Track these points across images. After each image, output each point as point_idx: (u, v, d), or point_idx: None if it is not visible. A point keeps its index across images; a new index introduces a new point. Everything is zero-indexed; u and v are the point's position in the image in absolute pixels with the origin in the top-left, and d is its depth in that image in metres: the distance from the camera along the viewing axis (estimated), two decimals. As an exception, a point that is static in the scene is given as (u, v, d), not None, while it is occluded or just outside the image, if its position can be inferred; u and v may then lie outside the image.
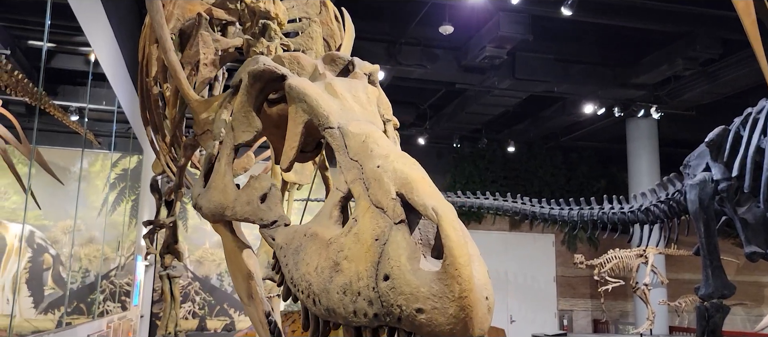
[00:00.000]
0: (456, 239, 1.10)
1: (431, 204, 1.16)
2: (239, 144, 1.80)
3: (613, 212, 9.13)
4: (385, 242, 1.18)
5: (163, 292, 5.17)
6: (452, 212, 1.15)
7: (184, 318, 13.58)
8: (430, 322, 1.10)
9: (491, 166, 15.85)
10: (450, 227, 1.12)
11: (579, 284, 15.92)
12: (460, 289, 1.09)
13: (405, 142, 15.22)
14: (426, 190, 1.21)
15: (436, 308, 1.10)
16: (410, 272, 1.13)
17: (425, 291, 1.11)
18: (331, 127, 1.53)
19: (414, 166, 1.31)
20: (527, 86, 11.84)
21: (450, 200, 11.08)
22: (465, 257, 1.10)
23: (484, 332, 1.13)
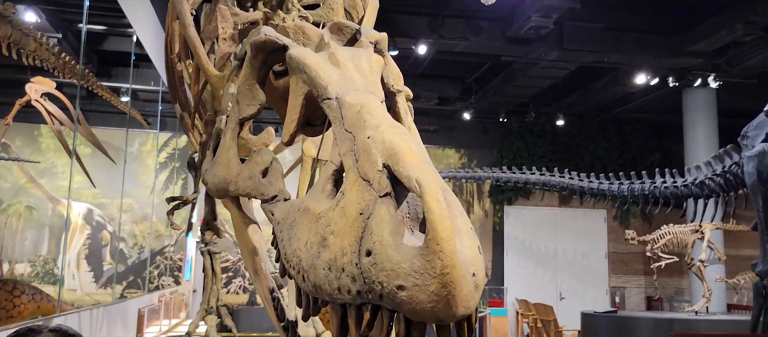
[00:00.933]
0: (438, 212, 1.03)
1: (415, 175, 1.09)
2: (244, 118, 1.76)
3: (665, 186, 8.80)
4: (369, 216, 1.12)
5: (205, 268, 5.26)
6: (437, 183, 1.08)
7: (235, 293, 13.92)
8: (410, 300, 1.04)
9: (539, 141, 15.51)
10: (433, 200, 1.04)
11: (632, 260, 15.50)
12: (442, 265, 1.02)
13: (449, 117, 15.04)
14: (412, 161, 1.14)
15: (417, 285, 1.03)
16: (392, 248, 1.07)
17: (406, 267, 1.04)
18: (329, 97, 1.48)
19: (404, 137, 1.23)
20: (576, 57, 11.45)
21: (495, 175, 10.90)
22: (447, 231, 1.02)
23: (469, 311, 1.06)
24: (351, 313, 1.14)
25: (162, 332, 7.52)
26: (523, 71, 12.37)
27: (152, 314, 8.05)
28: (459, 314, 1.05)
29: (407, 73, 13.28)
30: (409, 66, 12.65)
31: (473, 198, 15.49)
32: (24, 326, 2.78)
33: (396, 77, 1.86)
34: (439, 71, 13.22)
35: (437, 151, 15.50)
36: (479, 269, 1.10)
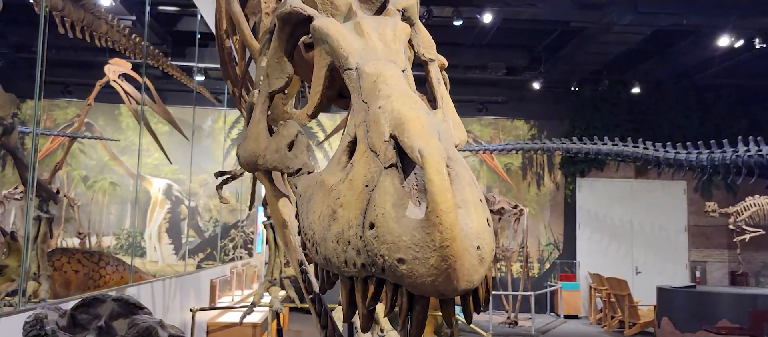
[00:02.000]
0: (439, 183, 0.99)
1: (418, 145, 1.05)
2: (273, 91, 1.76)
3: (749, 155, 8.29)
4: (374, 188, 1.09)
5: (268, 240, 5.40)
6: (439, 153, 1.03)
7: (306, 265, 14.23)
8: (410, 273, 1.01)
9: (614, 110, 14.92)
10: (433, 170, 1.00)
11: (714, 233, 14.76)
12: (441, 238, 0.98)
13: (518, 87, 14.68)
14: (417, 130, 1.10)
15: (417, 258, 1.00)
16: (394, 220, 1.03)
17: (407, 240, 1.01)
18: (350, 68, 1.44)
19: (414, 106, 1.18)
20: (652, 20, 10.87)
21: (564, 146, 10.59)
22: (446, 203, 0.98)
23: (472, 285, 1.02)
24: (358, 286, 1.13)
25: (234, 302, 7.81)
26: (596, 37, 11.88)
27: (224, 285, 8.36)
28: (461, 288, 1.01)
29: (473, 44, 13.06)
30: (476, 36, 12.40)
31: (543, 170, 15.14)
32: (90, 295, 2.93)
33: (427, 45, 1.80)
34: (507, 40, 12.88)
35: (506, 122, 15.21)
36: (485, 242, 1.05)
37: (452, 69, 14.15)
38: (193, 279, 7.21)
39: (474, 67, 14.04)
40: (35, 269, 5.19)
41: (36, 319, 2.62)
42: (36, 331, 2.58)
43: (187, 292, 6.75)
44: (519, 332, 11.46)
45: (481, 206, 1.08)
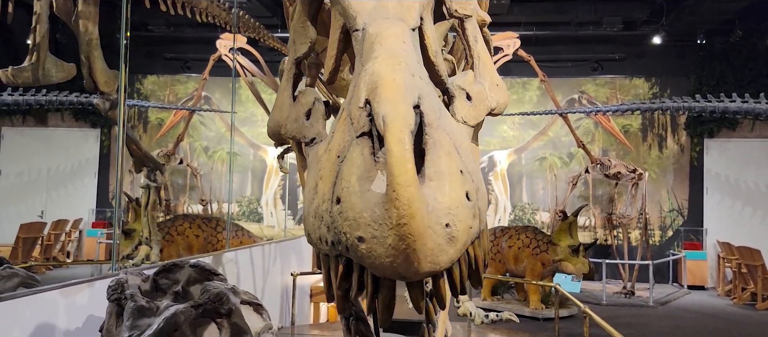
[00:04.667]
0: (397, 154, 0.88)
1: (384, 111, 0.94)
2: (299, 57, 1.70)
3: None
4: (343, 159, 1.00)
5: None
6: (404, 119, 0.92)
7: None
8: (369, 253, 0.92)
9: (749, 64, 13.50)
10: (392, 139, 0.89)
11: None
12: (398, 215, 0.87)
13: (637, 43, 13.70)
14: (387, 94, 0.99)
15: (376, 237, 0.91)
16: (357, 195, 0.94)
17: (367, 217, 0.92)
18: (357, 29, 1.35)
19: (395, 66, 1.07)
20: (792, -40, 9.66)
21: (686, 104, 9.76)
22: (404, 176, 0.87)
23: (437, 267, 0.91)
24: (331, 265, 1.05)
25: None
26: (725, -17, 10.76)
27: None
28: (423, 270, 0.90)
29: (584, -3, 12.32)
30: (587, -10, 11.66)
31: (666, 132, 14.09)
32: (171, 261, 3.08)
33: (461, 2, 1.66)
34: (623, -7, 12.01)
35: (624, 81, 14.27)
36: (458, 219, 0.93)
37: (563, 26, 13.50)
38: (294, 244, 7.46)
39: (587, 23, 13.24)
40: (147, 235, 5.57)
41: (117, 283, 2.79)
42: (117, 294, 2.75)
43: (288, 257, 7.00)
44: (635, 303, 10.87)
45: (460, 178, 0.96)
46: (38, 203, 12.98)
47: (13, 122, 13.37)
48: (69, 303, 2.96)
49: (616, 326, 8.89)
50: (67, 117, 13.70)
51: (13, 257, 10.03)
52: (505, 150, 14.46)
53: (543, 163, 14.37)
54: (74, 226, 12.17)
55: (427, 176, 0.94)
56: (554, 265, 9.30)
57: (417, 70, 1.09)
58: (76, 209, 12.96)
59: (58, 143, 13.62)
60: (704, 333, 8.60)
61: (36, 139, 13.52)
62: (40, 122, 13.65)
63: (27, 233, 10.34)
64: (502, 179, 14.43)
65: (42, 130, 13.63)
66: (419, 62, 1.21)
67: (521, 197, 14.40)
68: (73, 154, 13.79)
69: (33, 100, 8.67)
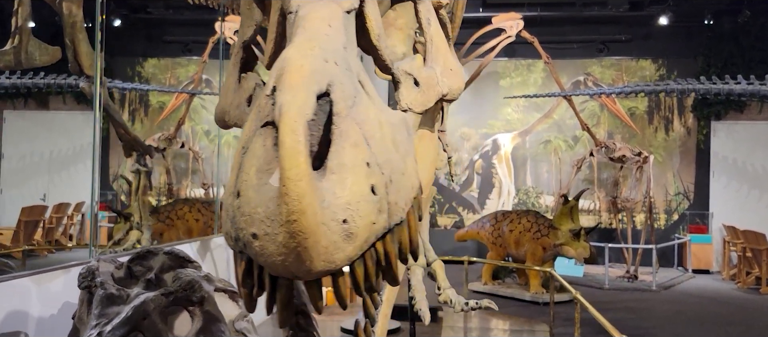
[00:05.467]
0: (289, 146, 0.81)
1: (282, 100, 0.87)
2: (245, 41, 1.63)
3: None
4: (246, 151, 0.94)
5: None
6: (300, 109, 0.85)
7: (416, 215, 14.26)
8: (262, 251, 0.86)
9: (758, 45, 13.25)
10: (285, 131, 0.83)
11: None
12: (287, 211, 0.81)
13: (644, 24, 13.50)
14: (290, 81, 0.91)
15: (268, 234, 0.85)
16: (254, 188, 0.88)
17: (261, 212, 0.86)
18: (291, 11, 1.28)
19: (306, 52, 0.99)
20: (802, -62, 9.43)
21: (690, 86, 9.60)
22: (294, 170, 0.80)
23: (333, 265, 0.85)
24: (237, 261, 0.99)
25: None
26: (733, -38, 10.54)
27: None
28: (317, 269, 0.84)
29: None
30: (592, -30, 11.46)
31: (672, 114, 13.91)
32: (145, 248, 3.03)
33: (420, -19, 1.58)
34: (629, -27, 11.79)
35: (630, 63, 14.07)
36: (358, 214, 0.87)
37: (569, 7, 13.30)
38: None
39: (592, 4, 13.05)
40: (138, 219, 5.55)
41: (88, 270, 2.75)
42: (87, 282, 2.71)
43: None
44: (638, 287, 10.79)
45: (365, 171, 0.90)
46: (41, 186, 13.01)
47: (15, 106, 13.38)
48: (42, 290, 2.93)
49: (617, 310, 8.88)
50: (68, 100, 13.69)
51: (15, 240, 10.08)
52: (509, 133, 14.34)
53: (547, 147, 14.24)
54: (76, 209, 12.20)
55: (329, 168, 0.88)
56: (555, 249, 9.24)
57: (336, 55, 1.02)
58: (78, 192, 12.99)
59: (59, 127, 13.63)
60: (706, 317, 8.53)
61: (38, 122, 13.53)
62: (41, 106, 13.65)
63: (28, 216, 10.37)
64: (506, 163, 14.33)
65: (44, 114, 13.63)
66: (347, 47, 1.13)
67: (525, 181, 14.30)
68: (75, 138, 13.80)
69: (20, 84, 8.65)
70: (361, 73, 1.17)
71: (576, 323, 4.80)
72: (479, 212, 14.00)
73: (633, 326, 7.86)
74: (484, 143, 14.37)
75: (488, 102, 14.27)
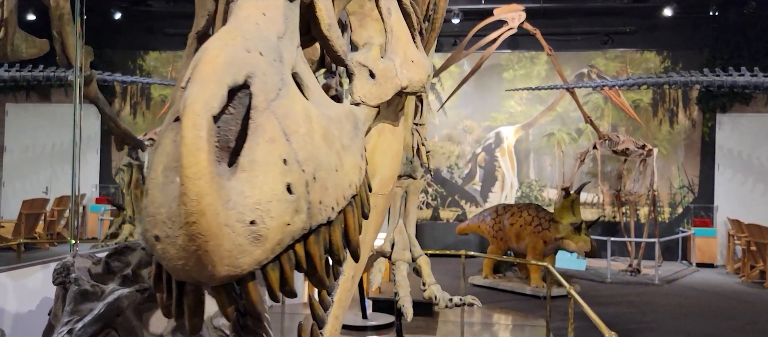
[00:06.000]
0: (189, 142, 0.76)
1: (188, 93, 0.81)
2: (199, 32, 1.57)
3: None
4: (157, 146, 0.89)
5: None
6: (204, 103, 0.79)
7: (419, 208, 14.21)
8: (164, 255, 0.81)
9: (764, 36, 13.08)
10: (187, 125, 0.77)
11: None
12: (186, 212, 0.76)
13: (648, 15, 13.35)
14: (201, 73, 0.86)
15: (169, 236, 0.80)
16: (159, 188, 0.83)
17: (164, 213, 0.80)
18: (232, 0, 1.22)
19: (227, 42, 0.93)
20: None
21: (694, 78, 9.49)
22: (193, 168, 0.75)
23: (238, 270, 0.79)
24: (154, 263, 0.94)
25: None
26: (738, -48, 10.38)
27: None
28: (221, 274, 0.79)
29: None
30: (595, -39, 11.31)
31: (677, 107, 13.77)
32: (124, 243, 3.00)
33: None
34: (633, -37, 11.65)
35: (634, 55, 13.93)
36: (269, 215, 0.81)
37: (572, -2, 13.16)
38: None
39: (596, -4, 12.92)
40: (130, 213, 5.52)
41: (63, 266, 2.71)
42: (62, 278, 2.67)
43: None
44: (640, 281, 10.70)
45: (281, 168, 0.84)
46: (43, 178, 13.04)
47: (17, 99, 13.40)
48: (19, 286, 2.89)
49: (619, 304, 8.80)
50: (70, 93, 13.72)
51: (16, 233, 10.11)
52: (512, 126, 14.23)
53: (551, 139, 14.14)
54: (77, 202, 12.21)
55: (240, 166, 0.82)
56: (556, 243, 9.16)
57: (264, 45, 0.96)
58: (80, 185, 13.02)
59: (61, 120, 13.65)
60: (708, 311, 8.44)
61: (40, 115, 13.55)
62: (43, 98, 13.66)
63: (30, 209, 10.40)
64: (509, 156, 14.24)
65: (46, 107, 13.64)
66: (285, 37, 1.07)
67: (528, 174, 14.21)
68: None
69: (7, 76, 8.67)
70: (299, 64, 1.12)
71: (569, 318, 4.73)
72: (482, 205, 13.92)
73: (633, 320, 7.79)
74: (486, 136, 14.27)
75: (491, 95, 14.17)
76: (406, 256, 3.22)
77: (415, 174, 3.39)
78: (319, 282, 0.97)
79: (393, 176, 1.62)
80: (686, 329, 7.39)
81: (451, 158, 14.28)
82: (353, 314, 5.62)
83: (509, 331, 6.33)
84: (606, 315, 8.27)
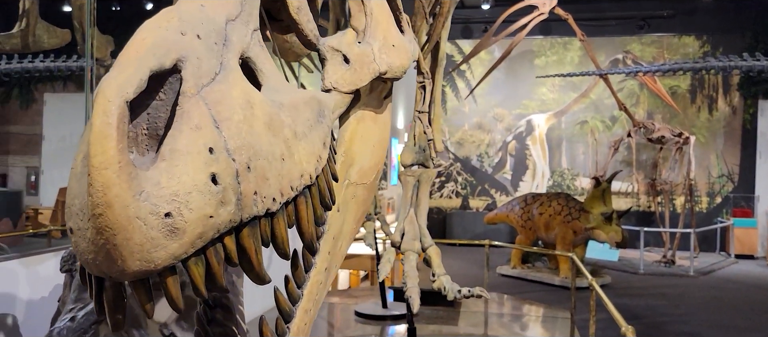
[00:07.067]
0: (97, 129, 0.72)
1: (106, 76, 0.78)
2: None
3: None
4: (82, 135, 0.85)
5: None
6: (120, 87, 0.75)
7: (448, 197, 14.11)
8: (77, 248, 0.78)
9: (811, 18, 12.54)
10: (97, 112, 0.73)
11: None
12: (92, 203, 0.72)
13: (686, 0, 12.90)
14: (125, 55, 0.81)
15: (80, 228, 0.76)
16: (76, 178, 0.80)
17: (77, 204, 0.77)
18: None
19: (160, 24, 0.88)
20: None
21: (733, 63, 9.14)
22: (100, 157, 0.71)
23: (152, 265, 0.76)
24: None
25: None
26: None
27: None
28: (131, 269, 0.75)
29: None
30: (630, -57, 10.98)
31: (717, 93, 13.32)
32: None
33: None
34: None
35: (672, 40, 13.51)
36: (188, 207, 0.77)
37: (605, -18, 12.81)
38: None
39: (632, -21, 12.56)
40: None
41: (70, 254, 2.74)
42: (68, 265, 2.70)
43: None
44: (675, 272, 10.43)
45: (204, 157, 0.79)
46: (79, 167, 13.38)
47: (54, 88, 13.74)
48: (31, 273, 2.94)
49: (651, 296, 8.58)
50: (106, 83, 13.99)
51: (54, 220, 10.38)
52: (544, 113, 13.99)
53: (584, 127, 13.85)
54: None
55: (160, 155, 0.78)
56: (586, 233, 8.99)
57: (203, 28, 0.91)
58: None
59: (96, 109, 13.94)
60: (745, 304, 8.17)
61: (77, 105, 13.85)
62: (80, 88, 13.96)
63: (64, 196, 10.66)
64: (540, 144, 14.01)
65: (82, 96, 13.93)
66: (237, 19, 1.03)
67: (560, 163, 13.96)
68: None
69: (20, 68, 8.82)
70: (253, 48, 1.07)
71: (591, 310, 4.62)
72: (512, 194, 13.75)
73: (665, 312, 7.60)
74: (517, 124, 14.06)
75: (522, 82, 13.94)
76: (416, 246, 3.16)
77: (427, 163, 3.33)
78: (258, 277, 0.92)
79: (375, 166, 1.57)
80: (721, 322, 7.16)
81: (480, 147, 14.12)
82: (373, 304, 5.60)
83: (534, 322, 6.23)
84: (637, 307, 8.10)
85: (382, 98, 1.60)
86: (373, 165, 1.54)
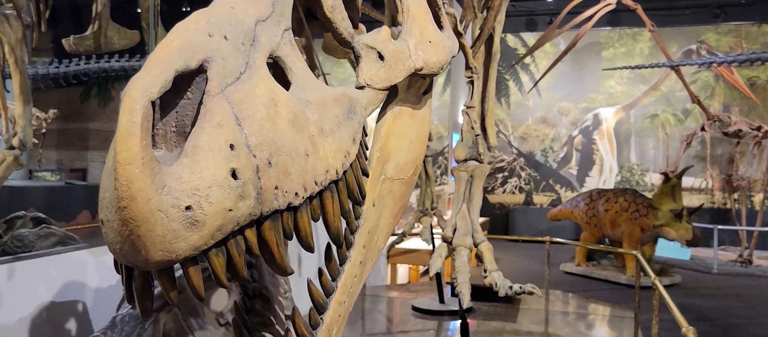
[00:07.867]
0: (123, 127, 0.77)
1: (134, 77, 0.82)
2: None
3: None
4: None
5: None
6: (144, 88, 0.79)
7: (511, 193, 13.92)
8: (106, 238, 0.83)
9: None
10: (123, 111, 0.78)
11: None
12: (118, 197, 0.77)
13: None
14: (154, 57, 0.86)
15: (109, 220, 0.82)
16: (108, 173, 0.85)
17: (108, 198, 0.82)
18: None
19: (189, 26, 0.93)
20: None
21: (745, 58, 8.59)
22: (125, 153, 0.76)
23: (173, 255, 0.80)
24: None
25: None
26: None
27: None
28: (155, 259, 0.80)
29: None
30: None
31: (800, 83, 12.56)
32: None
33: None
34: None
35: (751, 28, 12.82)
36: (208, 201, 0.81)
37: (679, -31, 12.28)
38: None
39: (706, -35, 12.00)
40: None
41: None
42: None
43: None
44: (751, 273, 9.92)
45: (225, 153, 0.83)
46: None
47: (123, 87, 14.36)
48: (99, 263, 3.10)
49: (724, 297, 8.22)
50: (177, 81, 14.52)
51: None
52: (611, 107, 13.57)
53: (654, 121, 13.35)
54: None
55: (184, 151, 0.83)
56: (655, 231, 8.68)
57: (232, 29, 0.95)
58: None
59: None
60: (828, 310, 7.70)
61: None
62: (152, 87, 14.55)
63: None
64: (608, 138, 13.60)
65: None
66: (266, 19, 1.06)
67: (629, 158, 13.51)
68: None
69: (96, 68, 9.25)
70: (284, 48, 1.10)
71: (654, 310, 4.47)
72: (578, 190, 13.43)
73: (739, 314, 7.26)
74: (584, 118, 13.70)
75: (589, 74, 13.56)
76: (468, 242, 3.16)
77: (481, 158, 3.30)
78: (280, 269, 0.96)
79: (413, 161, 1.58)
80: (800, 327, 6.78)
81: (545, 141, 13.84)
82: (430, 299, 5.60)
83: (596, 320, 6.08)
84: (708, 308, 7.77)
85: (420, 94, 1.61)
86: (411, 161, 1.55)
